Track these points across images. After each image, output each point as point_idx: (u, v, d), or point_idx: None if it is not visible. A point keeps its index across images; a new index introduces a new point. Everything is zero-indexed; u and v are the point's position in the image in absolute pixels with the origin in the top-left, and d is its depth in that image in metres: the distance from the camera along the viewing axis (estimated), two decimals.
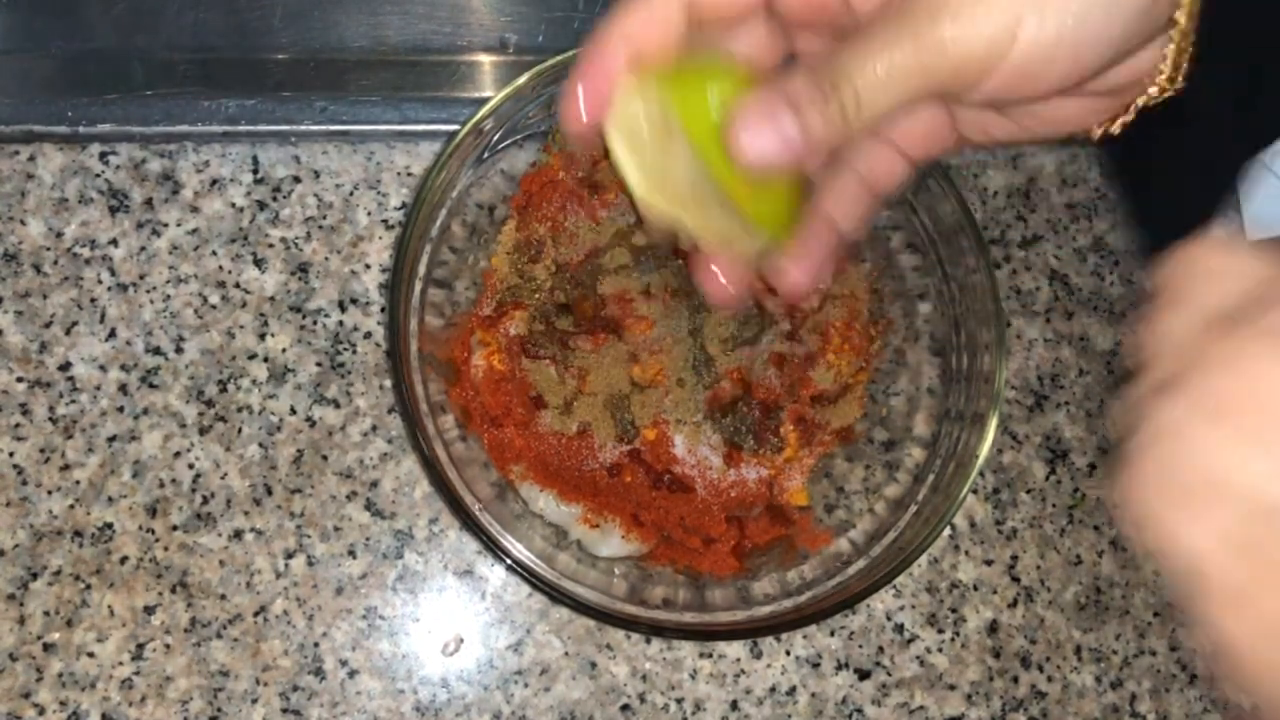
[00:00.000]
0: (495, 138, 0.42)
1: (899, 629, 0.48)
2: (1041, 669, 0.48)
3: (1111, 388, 0.52)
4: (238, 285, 0.47)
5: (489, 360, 0.44)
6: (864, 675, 0.47)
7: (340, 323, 0.47)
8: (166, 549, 0.45)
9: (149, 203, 0.47)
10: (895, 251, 0.45)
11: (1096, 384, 0.52)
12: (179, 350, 0.46)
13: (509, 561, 0.39)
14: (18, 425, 0.45)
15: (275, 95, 0.48)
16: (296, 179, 0.48)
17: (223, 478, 0.45)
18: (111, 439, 0.45)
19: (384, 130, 0.48)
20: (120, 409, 0.45)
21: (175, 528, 0.45)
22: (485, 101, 0.40)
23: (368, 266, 0.48)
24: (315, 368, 0.47)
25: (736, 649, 0.47)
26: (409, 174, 0.49)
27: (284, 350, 0.47)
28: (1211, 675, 0.49)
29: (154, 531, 0.45)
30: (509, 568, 0.40)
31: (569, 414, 0.44)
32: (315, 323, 0.47)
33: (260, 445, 0.46)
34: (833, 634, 0.47)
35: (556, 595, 0.39)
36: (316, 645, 0.45)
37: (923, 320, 0.45)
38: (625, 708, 0.45)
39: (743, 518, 0.45)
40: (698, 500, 0.45)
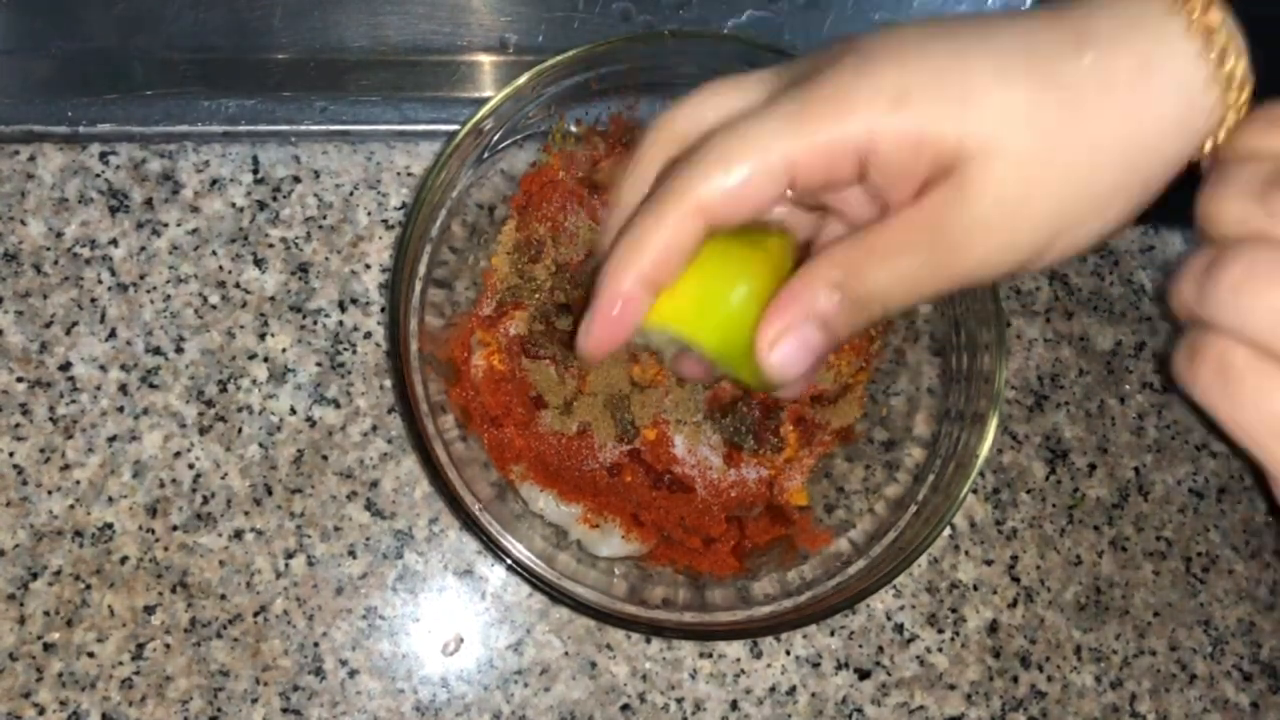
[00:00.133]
0: (495, 138, 0.42)
1: (899, 629, 0.48)
2: (1041, 669, 0.48)
3: (1111, 387, 0.52)
4: (238, 285, 0.47)
5: (489, 360, 0.44)
6: (864, 675, 0.47)
7: (340, 323, 0.47)
8: (166, 549, 0.45)
9: (149, 203, 0.47)
10: None
11: (1096, 384, 0.52)
12: (179, 350, 0.46)
13: (509, 561, 0.39)
14: (18, 425, 0.45)
15: (275, 95, 0.48)
16: (296, 179, 0.48)
17: (223, 478, 0.45)
18: (111, 439, 0.45)
19: (384, 130, 0.48)
20: (120, 409, 0.45)
21: (175, 528, 0.45)
22: (485, 101, 0.40)
23: (368, 266, 0.48)
24: (315, 368, 0.47)
25: (736, 649, 0.47)
26: (409, 174, 0.49)
27: (284, 350, 0.47)
28: (1212, 675, 0.49)
29: (154, 531, 0.45)
30: (509, 568, 0.40)
31: (569, 414, 0.44)
32: (315, 323, 0.47)
33: (260, 445, 0.46)
34: (833, 634, 0.47)
35: (556, 595, 0.39)
36: (316, 645, 0.45)
37: (923, 320, 0.45)
38: (625, 708, 0.45)
39: (743, 518, 0.45)
40: (698, 500, 0.45)
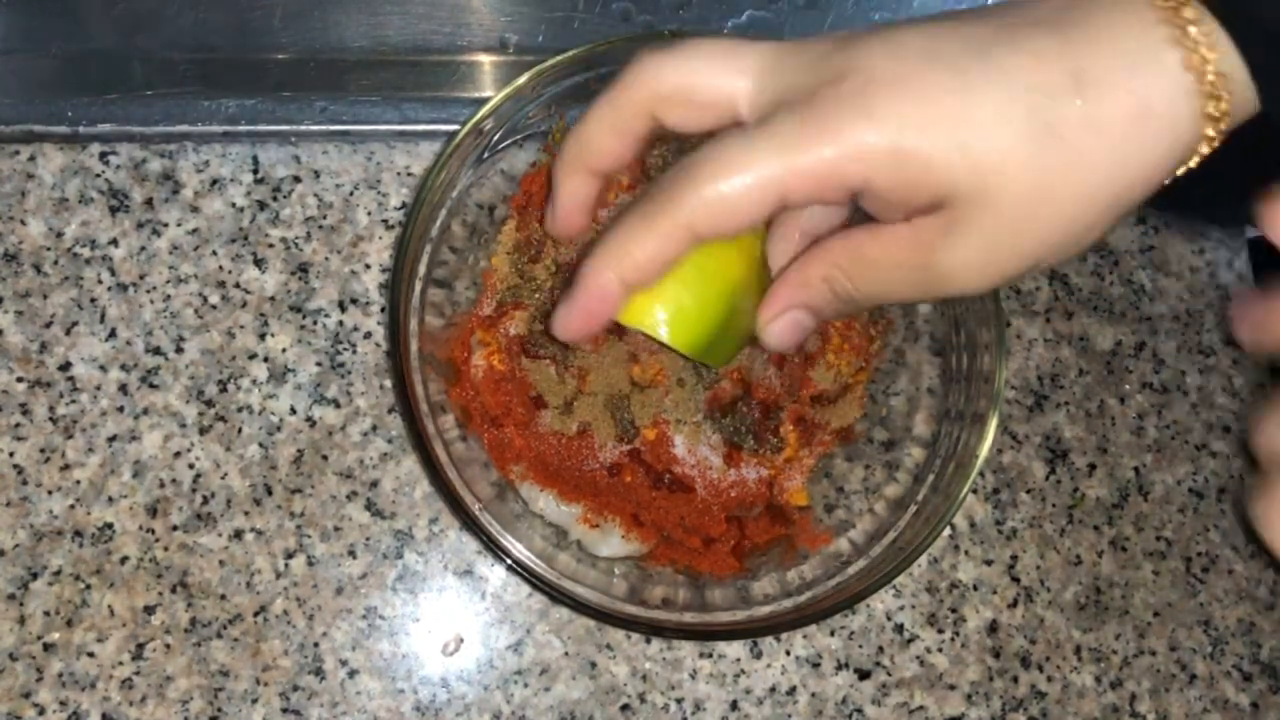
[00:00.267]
0: (495, 138, 0.42)
1: (899, 629, 0.48)
2: (1041, 669, 0.48)
3: (1111, 387, 0.52)
4: (238, 285, 0.47)
5: (489, 360, 0.44)
6: (864, 675, 0.47)
7: (340, 323, 0.47)
8: (166, 549, 0.45)
9: (149, 203, 0.47)
10: None
11: (1096, 384, 0.52)
12: (179, 350, 0.46)
13: (509, 561, 0.39)
14: (18, 425, 0.45)
15: (275, 95, 0.48)
16: (296, 179, 0.48)
17: (223, 478, 0.45)
18: (111, 439, 0.45)
19: (384, 130, 0.48)
20: (120, 409, 0.45)
21: (175, 528, 0.45)
22: (485, 101, 0.40)
23: (368, 266, 0.48)
24: (315, 368, 0.47)
25: (736, 649, 0.47)
26: (409, 174, 0.49)
27: (284, 350, 0.47)
28: (1212, 675, 0.49)
29: (154, 531, 0.45)
30: (509, 568, 0.40)
31: (569, 414, 0.44)
32: (315, 323, 0.47)
33: (260, 445, 0.46)
34: (833, 634, 0.47)
35: (556, 595, 0.39)
36: (316, 645, 0.45)
37: (923, 320, 0.45)
38: (625, 708, 0.45)
39: (743, 518, 0.45)
40: (698, 500, 0.45)
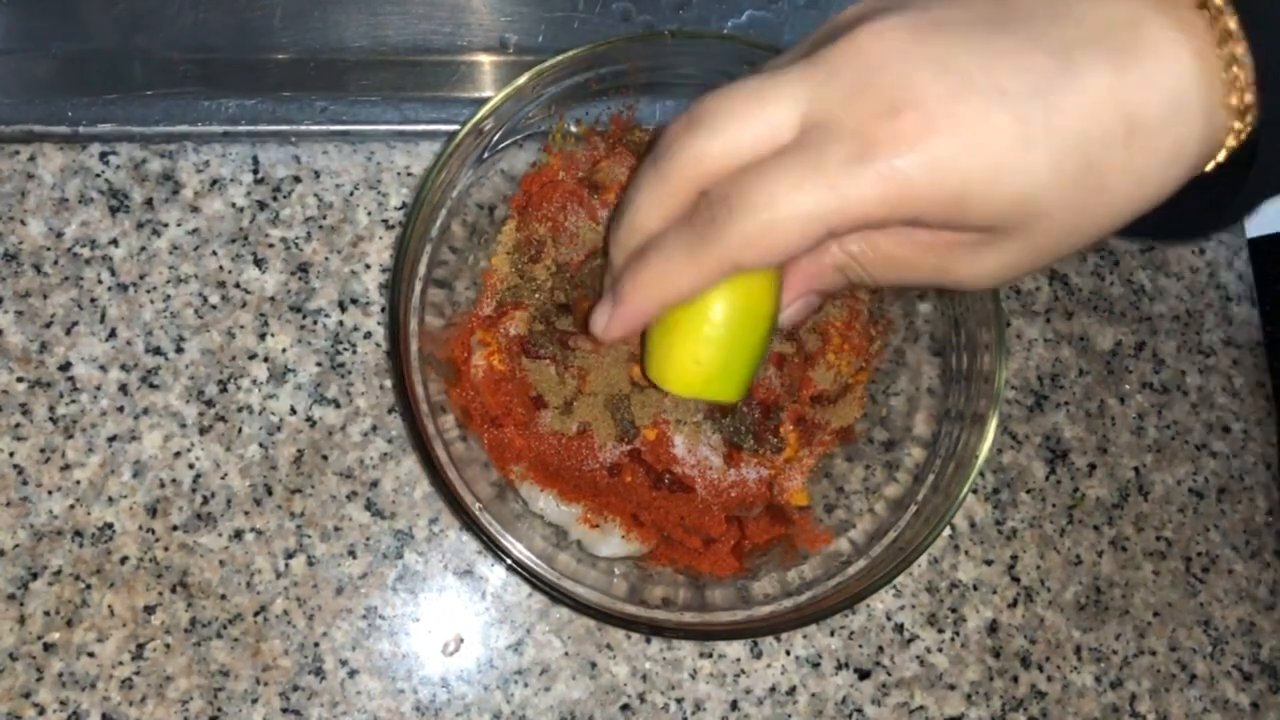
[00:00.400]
0: (495, 138, 0.42)
1: (899, 629, 0.48)
2: (1041, 669, 0.48)
3: (1111, 387, 0.52)
4: (238, 285, 0.47)
5: (489, 360, 0.44)
6: (864, 675, 0.47)
7: (340, 323, 0.47)
8: (166, 549, 0.45)
9: (149, 203, 0.47)
10: None
11: (1096, 384, 0.52)
12: (179, 350, 0.46)
13: (509, 561, 0.39)
14: (18, 425, 0.45)
15: (275, 95, 0.48)
16: (296, 179, 0.48)
17: (223, 478, 0.45)
18: (111, 439, 0.45)
19: (384, 130, 0.48)
20: (120, 409, 0.45)
21: (175, 528, 0.45)
22: (485, 101, 0.40)
23: (368, 266, 0.48)
24: (315, 368, 0.47)
25: (736, 649, 0.47)
26: (409, 174, 0.49)
27: (284, 350, 0.47)
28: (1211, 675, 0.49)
29: (154, 531, 0.45)
30: (509, 568, 0.40)
31: (569, 414, 0.44)
32: (315, 323, 0.47)
33: (260, 445, 0.46)
34: (833, 634, 0.47)
35: (556, 595, 0.39)
36: (316, 645, 0.45)
37: (923, 320, 0.45)
38: (625, 708, 0.45)
39: (743, 518, 0.45)
40: (698, 500, 0.45)
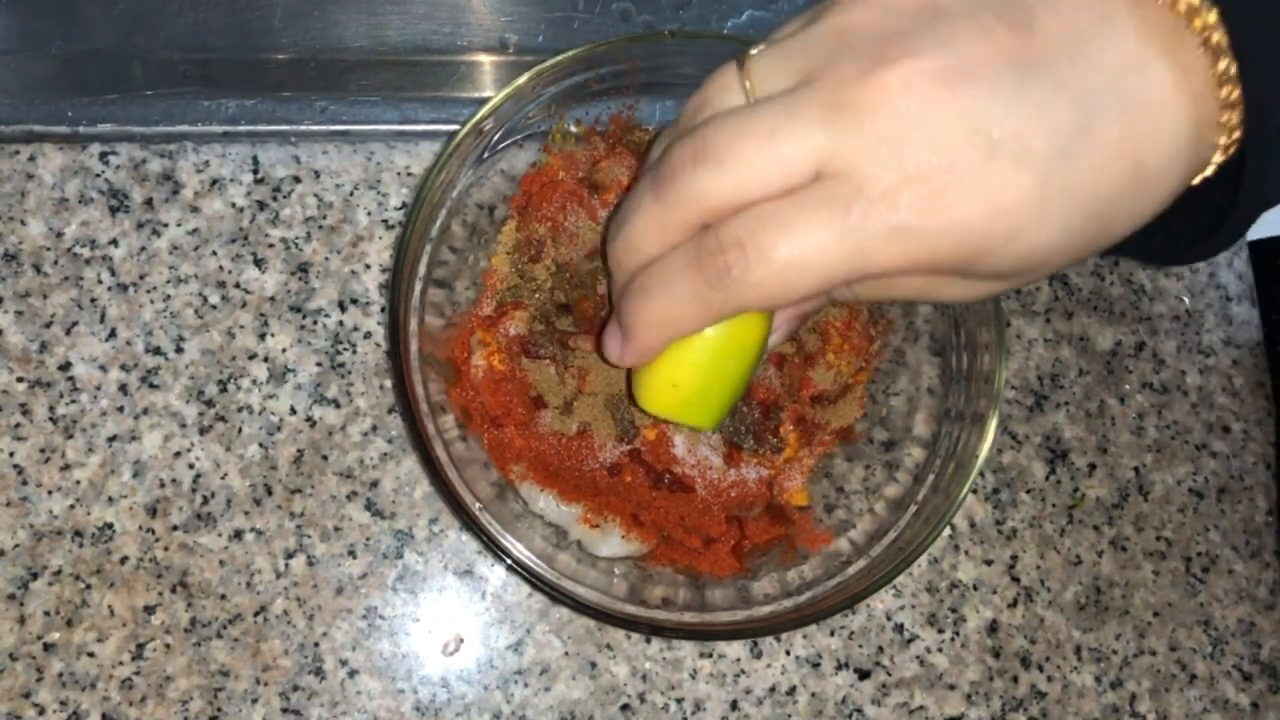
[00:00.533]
0: (495, 138, 0.42)
1: (899, 629, 0.48)
2: (1041, 669, 0.48)
3: (1111, 387, 0.52)
4: (238, 285, 0.47)
5: (489, 360, 0.44)
6: (864, 675, 0.47)
7: (340, 323, 0.47)
8: (166, 549, 0.45)
9: (149, 203, 0.47)
10: None
11: (1096, 384, 0.52)
12: (179, 350, 0.46)
13: (509, 561, 0.39)
14: (18, 425, 0.45)
15: (275, 95, 0.48)
16: (296, 179, 0.48)
17: (223, 478, 0.45)
18: (111, 439, 0.45)
19: (384, 130, 0.48)
20: (120, 409, 0.45)
21: (175, 528, 0.45)
22: (485, 101, 0.40)
23: (368, 266, 0.48)
24: (315, 368, 0.47)
25: (736, 649, 0.47)
26: (409, 174, 0.49)
27: (284, 350, 0.47)
28: (1211, 675, 0.49)
29: (154, 531, 0.45)
30: (509, 568, 0.40)
31: (569, 414, 0.44)
32: (315, 323, 0.47)
33: (260, 445, 0.46)
34: (833, 634, 0.47)
35: (556, 595, 0.39)
36: (316, 645, 0.45)
37: (923, 320, 0.45)
38: (625, 708, 0.45)
39: (743, 518, 0.45)
40: (698, 500, 0.45)
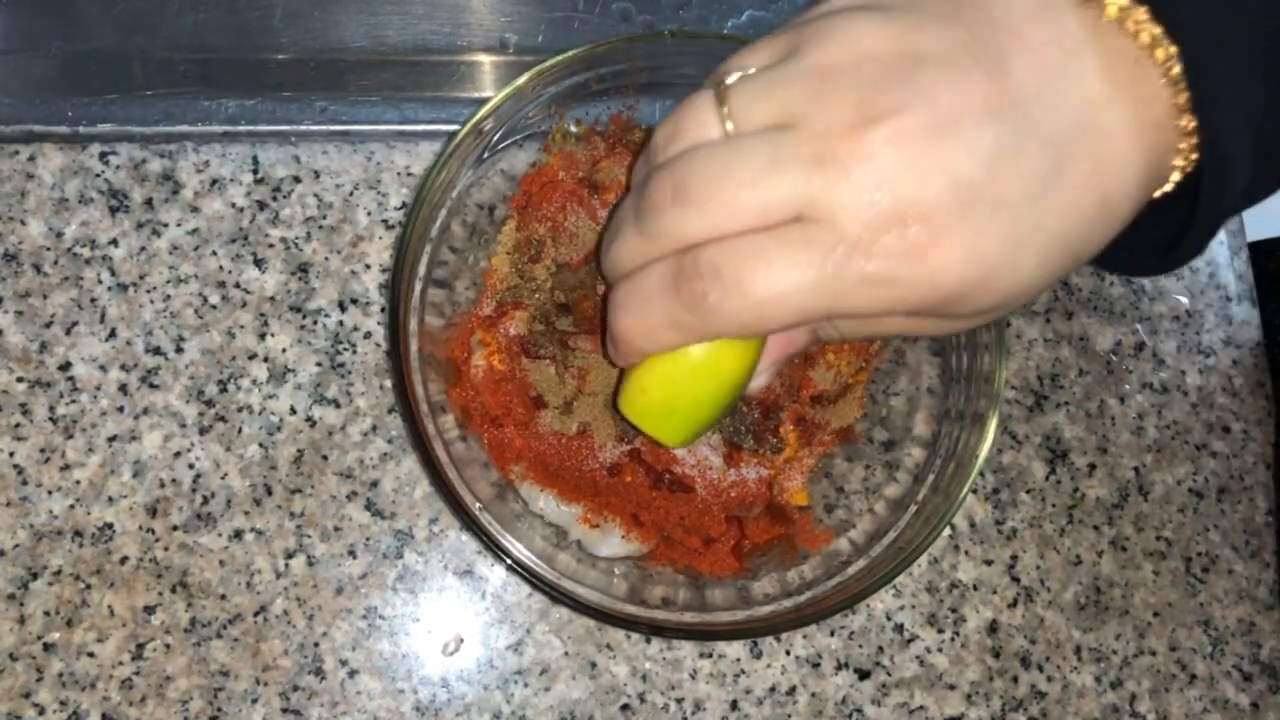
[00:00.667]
0: (495, 138, 0.42)
1: (899, 629, 0.48)
2: (1041, 669, 0.48)
3: (1111, 387, 0.52)
4: (238, 285, 0.47)
5: (489, 360, 0.44)
6: (864, 675, 0.47)
7: (340, 323, 0.47)
8: (166, 549, 0.45)
9: (149, 203, 0.47)
10: None
11: (1096, 384, 0.52)
12: (179, 350, 0.46)
13: (509, 561, 0.39)
14: (18, 425, 0.45)
15: (275, 95, 0.48)
16: (296, 179, 0.48)
17: (223, 478, 0.45)
18: (111, 439, 0.45)
19: (384, 130, 0.48)
20: (120, 409, 0.45)
21: (175, 528, 0.45)
22: (485, 101, 0.40)
23: (368, 266, 0.48)
24: (315, 368, 0.47)
25: (736, 649, 0.47)
26: (409, 174, 0.49)
27: (284, 350, 0.47)
28: (1211, 675, 0.49)
29: (154, 531, 0.45)
30: (509, 568, 0.40)
31: (569, 414, 0.44)
32: (315, 323, 0.47)
33: (260, 445, 0.46)
34: (833, 634, 0.47)
35: (556, 595, 0.39)
36: (316, 645, 0.45)
37: None
38: (625, 708, 0.45)
39: (743, 518, 0.45)
40: (698, 500, 0.45)
